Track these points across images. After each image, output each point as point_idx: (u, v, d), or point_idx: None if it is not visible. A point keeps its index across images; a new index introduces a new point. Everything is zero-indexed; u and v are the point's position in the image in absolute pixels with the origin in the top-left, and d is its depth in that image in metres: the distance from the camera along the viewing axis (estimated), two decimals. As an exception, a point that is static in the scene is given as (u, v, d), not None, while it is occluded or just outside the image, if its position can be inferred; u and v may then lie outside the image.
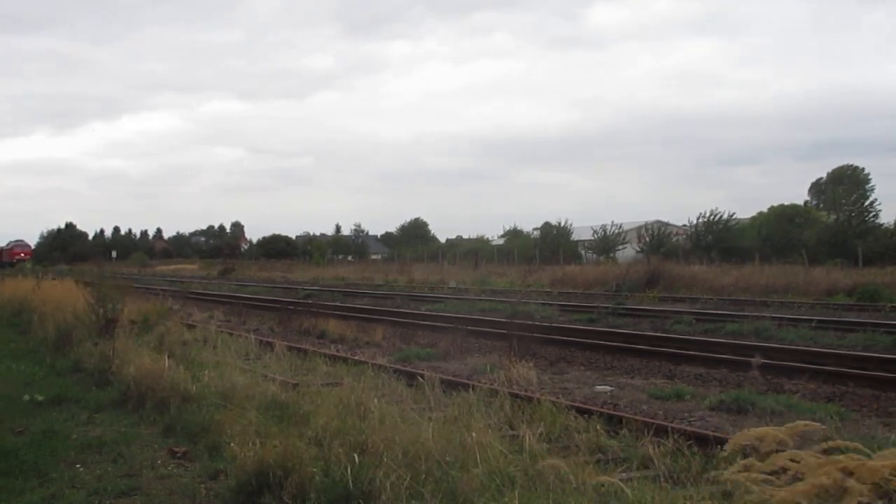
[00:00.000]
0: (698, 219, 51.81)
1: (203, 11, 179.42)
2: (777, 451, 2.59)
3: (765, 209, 57.83)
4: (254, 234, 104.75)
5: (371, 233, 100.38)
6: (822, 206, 61.63)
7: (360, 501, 4.07)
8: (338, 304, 22.15)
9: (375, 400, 6.13)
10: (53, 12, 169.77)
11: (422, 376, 8.00)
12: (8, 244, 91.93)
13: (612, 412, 7.24)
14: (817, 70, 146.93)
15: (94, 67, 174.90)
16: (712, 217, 51.12)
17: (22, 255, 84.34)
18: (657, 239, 52.48)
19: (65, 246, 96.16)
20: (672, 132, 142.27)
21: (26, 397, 7.91)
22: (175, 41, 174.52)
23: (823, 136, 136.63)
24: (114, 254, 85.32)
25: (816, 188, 75.28)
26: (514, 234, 74.59)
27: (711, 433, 6.22)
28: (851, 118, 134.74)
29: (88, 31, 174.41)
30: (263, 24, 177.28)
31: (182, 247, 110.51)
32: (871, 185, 62.42)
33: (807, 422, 2.91)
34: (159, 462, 5.69)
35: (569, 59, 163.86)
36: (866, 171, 67.61)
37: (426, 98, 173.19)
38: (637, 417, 6.88)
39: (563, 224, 60.73)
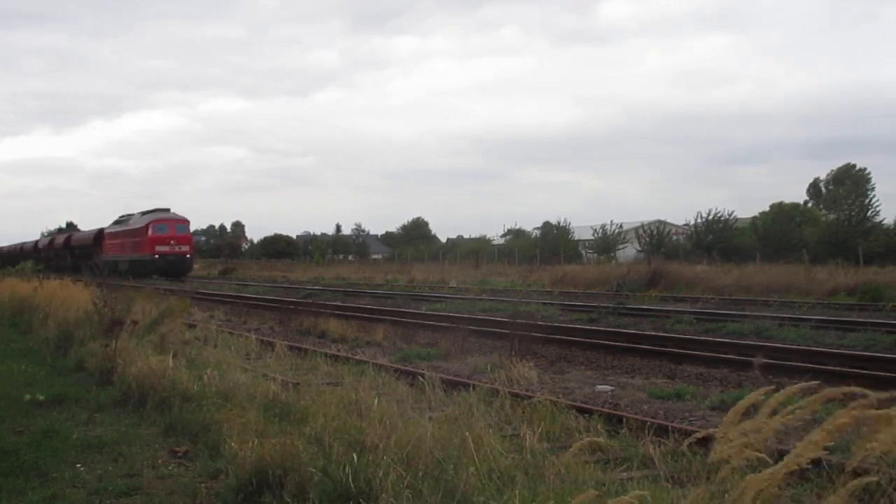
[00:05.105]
0: (696, 219, 51.92)
1: (204, 7, 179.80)
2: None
3: (767, 209, 57.88)
4: (255, 233, 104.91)
5: (372, 232, 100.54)
6: (821, 205, 61.66)
7: (360, 500, 4.07)
8: (338, 303, 22.15)
9: (376, 399, 6.13)
10: (53, 8, 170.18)
11: (422, 376, 7.99)
12: (137, 218, 44.39)
13: (612, 412, 7.24)
14: (830, 67, 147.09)
15: (94, 64, 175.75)
16: (712, 217, 51.20)
17: (171, 241, 40.88)
18: (657, 238, 52.52)
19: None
20: (679, 131, 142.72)
21: (27, 397, 7.92)
22: (176, 38, 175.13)
23: (834, 134, 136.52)
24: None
25: (814, 188, 75.36)
26: (515, 234, 74.70)
27: (713, 433, 6.21)
28: (863, 116, 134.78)
29: (88, 28, 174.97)
30: (265, 20, 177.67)
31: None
32: (871, 184, 62.60)
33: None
34: (160, 461, 5.69)
35: (577, 56, 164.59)
36: (867, 171, 67.79)
37: (431, 96, 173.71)
38: (637, 417, 6.88)
39: (563, 224, 60.81)
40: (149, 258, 39.87)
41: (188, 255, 42.11)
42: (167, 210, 44.52)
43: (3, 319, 16.87)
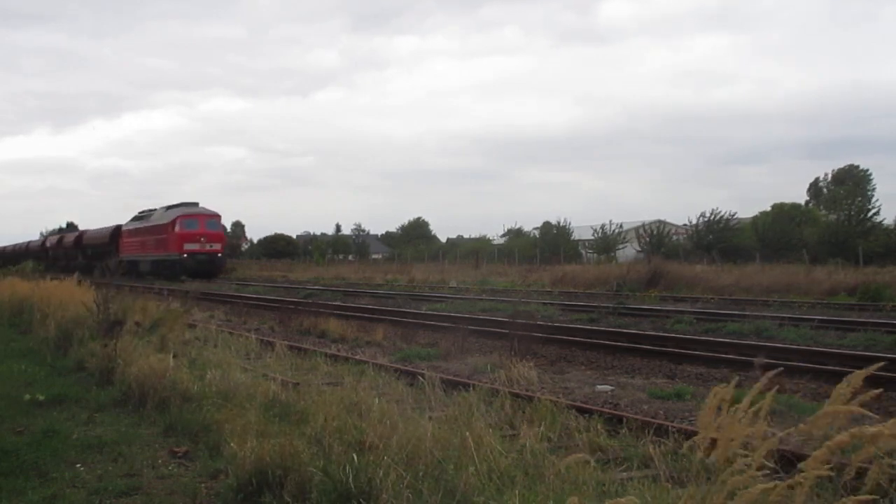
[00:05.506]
0: (699, 218, 51.93)
1: (204, 7, 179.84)
2: None
3: (769, 209, 57.87)
4: (255, 233, 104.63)
5: (372, 232, 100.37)
6: (821, 205, 61.68)
7: (361, 500, 4.07)
8: (338, 303, 22.15)
9: (376, 399, 6.14)
10: (53, 8, 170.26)
11: (422, 376, 7.99)
12: (161, 214, 40.13)
13: (612, 412, 7.23)
14: (830, 67, 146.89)
15: (94, 64, 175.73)
16: (713, 217, 51.21)
17: (202, 239, 37.16)
18: (657, 238, 52.53)
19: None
20: (679, 131, 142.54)
21: (27, 397, 7.92)
22: (176, 38, 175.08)
23: (834, 134, 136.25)
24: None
25: (815, 188, 75.45)
26: (515, 234, 74.71)
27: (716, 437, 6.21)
28: (863, 116, 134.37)
29: (88, 28, 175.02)
30: (265, 20, 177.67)
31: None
32: (872, 184, 62.68)
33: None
34: (160, 462, 5.69)
35: (577, 56, 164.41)
36: (868, 171, 67.92)
37: (431, 96, 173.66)
38: (637, 417, 6.88)
39: (562, 223, 60.79)
40: (176, 258, 36.02)
41: (220, 254, 38.21)
42: (195, 204, 40.07)
43: (3, 319, 16.87)
